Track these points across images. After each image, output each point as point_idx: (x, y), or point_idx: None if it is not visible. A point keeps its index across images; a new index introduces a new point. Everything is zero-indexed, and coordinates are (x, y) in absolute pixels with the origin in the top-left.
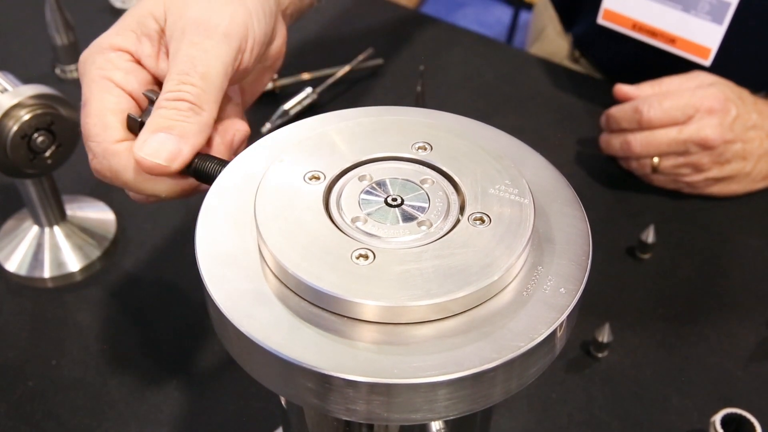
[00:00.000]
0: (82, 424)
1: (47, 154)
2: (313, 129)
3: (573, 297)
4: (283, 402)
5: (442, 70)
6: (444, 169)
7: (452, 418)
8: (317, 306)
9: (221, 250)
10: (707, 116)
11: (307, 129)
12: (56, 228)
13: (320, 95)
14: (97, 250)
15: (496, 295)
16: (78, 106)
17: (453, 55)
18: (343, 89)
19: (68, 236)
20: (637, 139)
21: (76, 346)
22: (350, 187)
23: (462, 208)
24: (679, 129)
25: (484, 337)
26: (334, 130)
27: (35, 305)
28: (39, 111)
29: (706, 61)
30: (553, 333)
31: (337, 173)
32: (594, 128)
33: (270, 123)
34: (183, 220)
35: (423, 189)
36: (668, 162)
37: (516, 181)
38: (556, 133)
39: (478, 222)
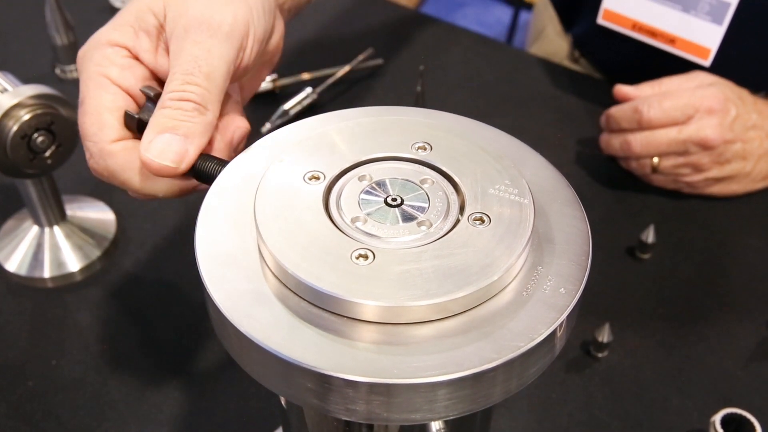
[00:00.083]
0: (82, 424)
1: (47, 154)
2: (313, 129)
3: (573, 297)
4: (283, 402)
5: (442, 70)
6: (444, 169)
7: (452, 418)
8: (317, 306)
9: (221, 250)
10: (707, 116)
11: (307, 129)
12: (56, 228)
13: (320, 95)
14: (97, 250)
15: (496, 295)
16: (78, 105)
17: (453, 55)
18: (343, 89)
19: (68, 236)
20: (637, 139)
21: (76, 346)
22: (350, 187)
23: (462, 208)
24: (678, 129)
25: (484, 337)
26: (334, 130)
27: (35, 305)
28: (39, 111)
29: (706, 62)
30: (553, 333)
31: (337, 173)
32: (594, 128)
33: (270, 123)
34: (183, 220)
35: (423, 189)
36: (668, 162)
37: (516, 181)
38: (556, 133)
39: (477, 222)
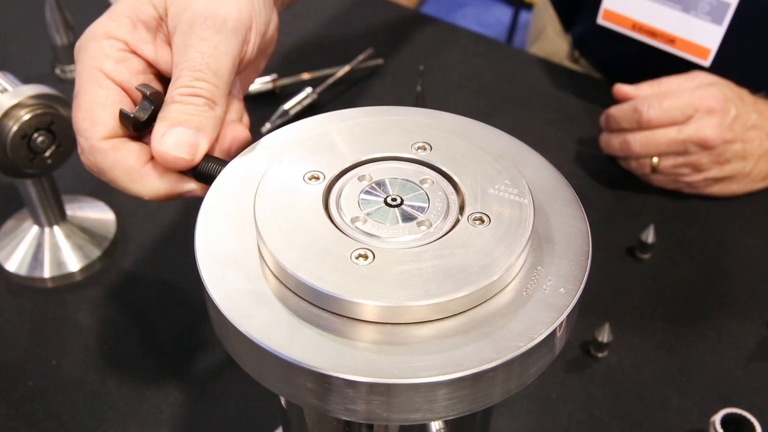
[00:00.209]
0: (82, 424)
1: (47, 154)
2: (313, 129)
3: (573, 297)
4: (283, 402)
5: (442, 70)
6: (444, 169)
7: (452, 418)
8: (317, 306)
9: (221, 250)
10: (707, 116)
11: (307, 129)
12: (56, 228)
13: (320, 95)
14: (97, 250)
15: (496, 295)
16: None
17: (453, 55)
18: (343, 89)
19: (68, 236)
20: (637, 139)
21: (76, 346)
22: (350, 187)
23: (462, 208)
24: (678, 129)
25: (483, 337)
26: (333, 130)
27: (35, 305)
28: (39, 111)
29: (706, 62)
30: (553, 333)
31: (337, 173)
32: (594, 128)
33: (270, 123)
34: (183, 220)
35: (423, 189)
36: (668, 162)
37: (516, 181)
38: (556, 133)
39: (477, 222)
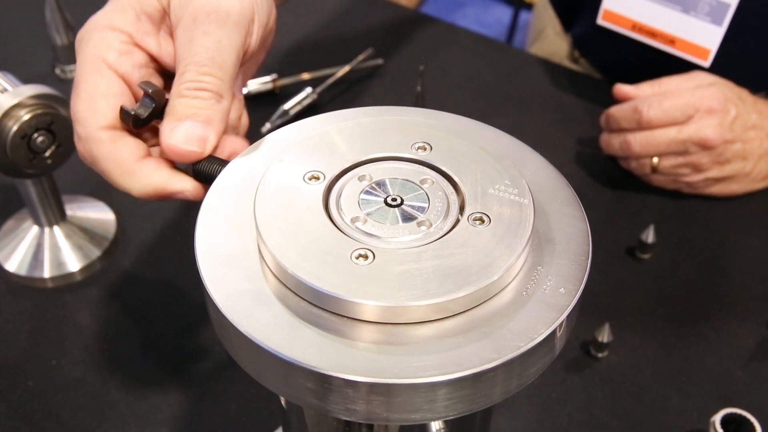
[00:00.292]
0: (82, 424)
1: (47, 154)
2: (313, 129)
3: (573, 297)
4: (283, 402)
5: (442, 70)
6: (444, 169)
7: (452, 418)
8: (317, 306)
9: (221, 251)
10: (707, 116)
11: (307, 129)
12: (56, 228)
13: (320, 95)
14: (97, 250)
15: (496, 295)
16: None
17: (453, 55)
18: (343, 89)
19: (68, 236)
20: (637, 139)
21: (76, 346)
22: (350, 187)
23: (462, 208)
24: (678, 129)
25: (483, 337)
26: (334, 130)
27: (35, 305)
28: (39, 111)
29: (706, 62)
30: (553, 333)
31: (337, 173)
32: (594, 128)
33: (270, 123)
34: (183, 220)
35: (423, 189)
36: (668, 162)
37: (516, 181)
38: (556, 133)
39: (477, 222)
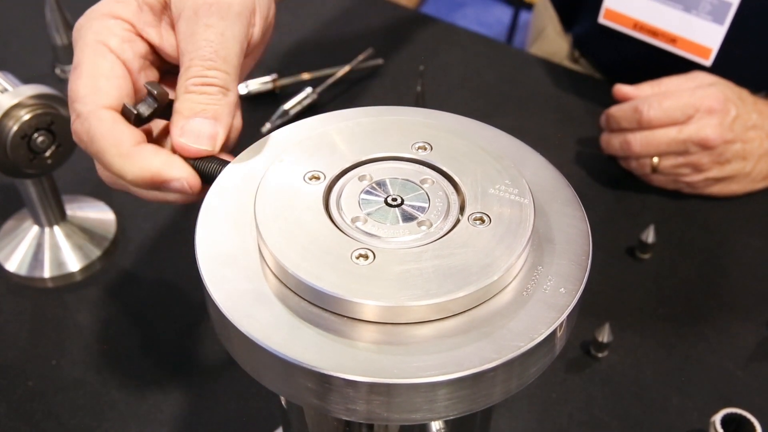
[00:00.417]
0: (82, 424)
1: (47, 154)
2: (313, 129)
3: (573, 297)
4: (283, 402)
5: (442, 70)
6: (444, 169)
7: (452, 418)
8: (317, 306)
9: (221, 251)
10: (707, 116)
11: (307, 129)
12: (56, 228)
13: (320, 95)
14: (97, 250)
15: (496, 295)
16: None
17: (453, 55)
18: (343, 89)
19: (68, 236)
20: (637, 139)
21: (76, 346)
22: (350, 187)
23: (462, 208)
24: (678, 129)
25: (484, 337)
26: (334, 130)
27: (35, 305)
28: (39, 111)
29: (707, 61)
30: (553, 333)
31: (337, 173)
32: (594, 128)
33: (270, 123)
34: (183, 220)
35: (423, 189)
36: (668, 162)
37: (516, 181)
38: (556, 133)
39: (478, 222)
